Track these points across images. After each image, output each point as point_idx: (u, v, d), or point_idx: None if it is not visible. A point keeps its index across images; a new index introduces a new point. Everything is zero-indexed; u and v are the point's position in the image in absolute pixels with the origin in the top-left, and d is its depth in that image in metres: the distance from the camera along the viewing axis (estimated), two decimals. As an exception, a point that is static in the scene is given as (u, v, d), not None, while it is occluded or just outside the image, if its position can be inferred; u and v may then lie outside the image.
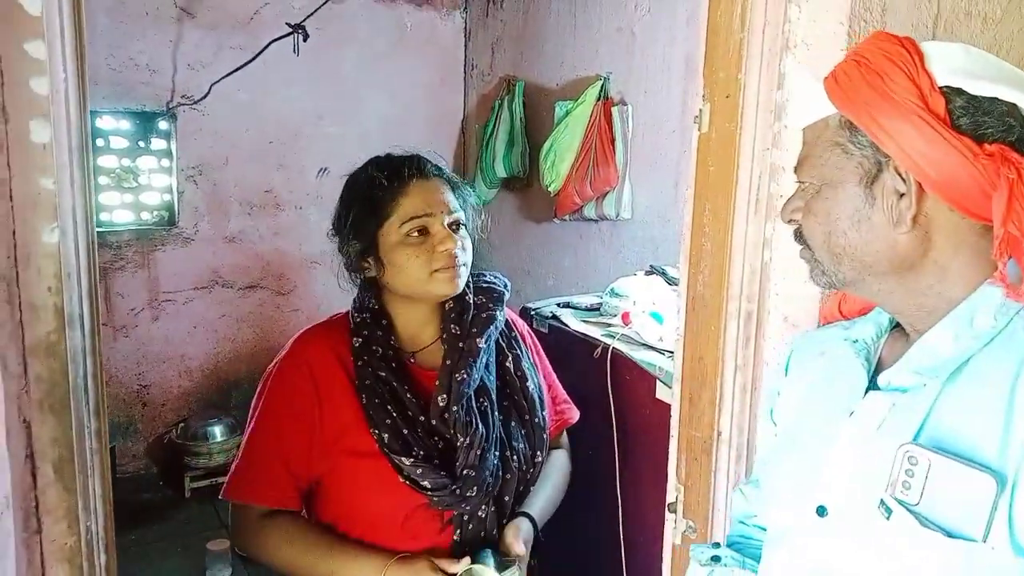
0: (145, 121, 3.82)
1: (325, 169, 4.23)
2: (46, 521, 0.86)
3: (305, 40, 3.55)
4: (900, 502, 0.77)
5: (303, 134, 4.17)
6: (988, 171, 0.76)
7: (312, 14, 3.63)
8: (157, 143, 3.87)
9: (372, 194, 1.42)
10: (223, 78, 3.79)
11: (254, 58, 3.73)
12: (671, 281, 2.29)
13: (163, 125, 3.86)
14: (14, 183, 0.79)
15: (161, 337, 4.02)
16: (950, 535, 0.74)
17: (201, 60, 3.86)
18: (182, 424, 3.96)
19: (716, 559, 1.10)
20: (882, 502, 0.79)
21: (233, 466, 1.44)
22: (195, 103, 3.86)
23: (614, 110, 3.26)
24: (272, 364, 1.46)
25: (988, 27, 1.33)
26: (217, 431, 3.88)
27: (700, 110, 1.38)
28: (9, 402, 0.81)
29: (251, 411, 1.45)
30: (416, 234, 1.39)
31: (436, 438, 1.40)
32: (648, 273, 2.46)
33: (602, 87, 3.32)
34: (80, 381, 0.87)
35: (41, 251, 0.81)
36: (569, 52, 3.66)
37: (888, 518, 0.78)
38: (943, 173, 0.78)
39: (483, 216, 1.58)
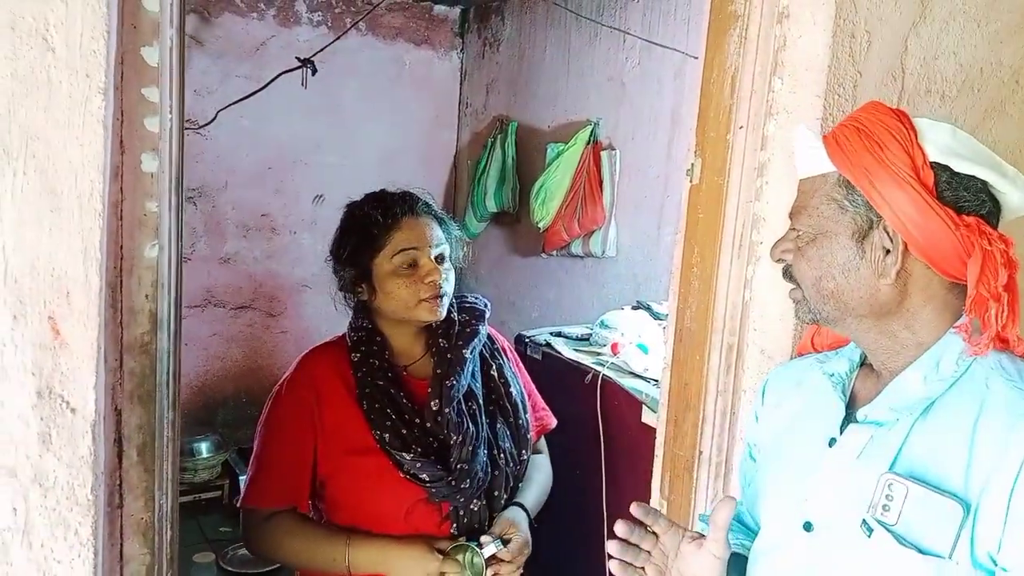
0: (150, 143, 3.92)
1: (321, 196, 4.34)
2: (127, 498, 0.98)
3: (314, 74, 3.70)
4: (880, 522, 0.88)
5: (301, 162, 4.27)
6: (965, 239, 0.88)
7: (321, 50, 3.78)
8: (160, 164, 3.97)
9: (368, 227, 1.58)
10: (230, 105, 3.90)
11: (263, 87, 3.85)
12: (656, 316, 2.45)
13: (167, 147, 3.96)
14: (124, 205, 0.93)
15: (152, 353, 4.07)
16: (923, 552, 0.85)
17: (207, 86, 3.97)
18: (168, 439, 4.01)
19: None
20: (864, 522, 0.90)
21: (247, 476, 1.59)
22: (200, 127, 3.98)
23: (603, 154, 3.41)
24: (278, 384, 1.61)
25: (945, 103, 1.50)
26: (203, 448, 3.92)
27: (692, 164, 1.53)
28: (105, 392, 0.94)
29: (258, 427, 1.60)
30: (406, 266, 1.56)
31: (431, 439, 1.54)
32: (635, 308, 2.63)
33: (592, 131, 3.47)
34: (164, 377, 1.00)
35: (142, 264, 0.94)
36: (561, 96, 3.82)
37: (869, 536, 0.89)
38: (928, 237, 0.89)
39: (465, 248, 1.74)
